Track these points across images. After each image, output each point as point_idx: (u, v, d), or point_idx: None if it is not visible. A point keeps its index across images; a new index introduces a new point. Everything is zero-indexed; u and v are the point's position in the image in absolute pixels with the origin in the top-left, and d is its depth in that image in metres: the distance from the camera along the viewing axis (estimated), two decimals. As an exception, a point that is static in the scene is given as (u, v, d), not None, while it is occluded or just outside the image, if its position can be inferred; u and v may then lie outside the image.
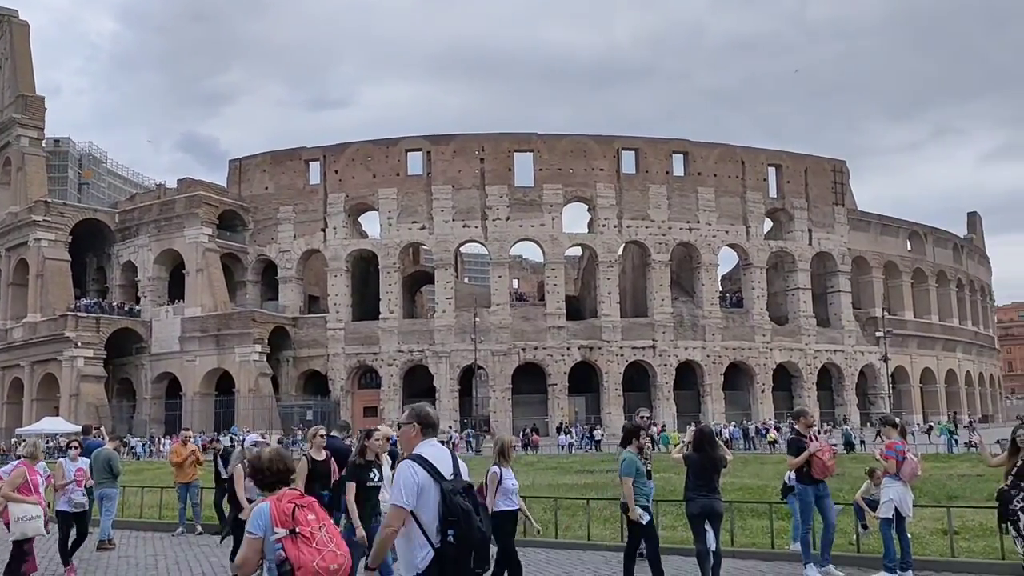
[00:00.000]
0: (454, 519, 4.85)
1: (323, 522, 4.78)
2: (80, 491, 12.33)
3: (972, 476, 23.48)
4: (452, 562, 4.86)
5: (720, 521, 10.16)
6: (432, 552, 4.87)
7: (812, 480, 10.71)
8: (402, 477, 4.99)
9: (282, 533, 4.59)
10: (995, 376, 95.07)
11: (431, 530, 4.90)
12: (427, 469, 4.97)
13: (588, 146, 66.93)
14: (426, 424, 5.30)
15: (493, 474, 8.84)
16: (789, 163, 72.09)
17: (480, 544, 4.94)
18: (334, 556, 4.64)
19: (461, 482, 5.06)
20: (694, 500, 9.66)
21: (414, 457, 5.07)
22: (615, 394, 63.65)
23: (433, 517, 4.90)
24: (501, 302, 65.21)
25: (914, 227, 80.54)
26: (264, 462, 5.00)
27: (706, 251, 67.62)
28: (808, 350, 69.61)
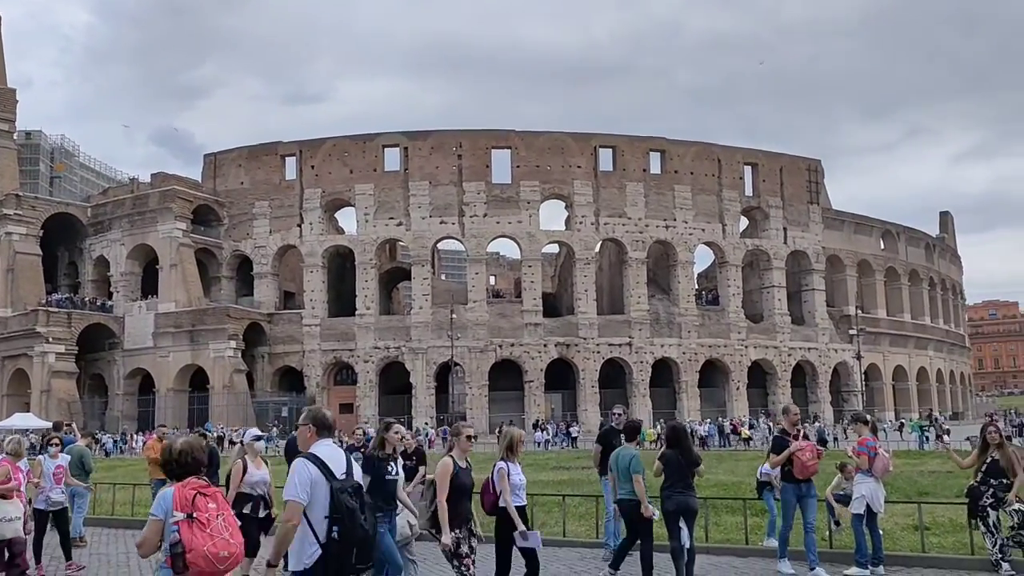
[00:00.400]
0: (339, 516, 5.10)
1: (223, 511, 5.01)
2: (59, 489, 12.17)
3: (943, 472, 23.78)
4: (335, 558, 5.10)
5: (695, 518, 10.21)
6: (319, 549, 5.11)
7: (794, 479, 10.63)
8: (296, 474, 5.23)
9: (179, 517, 4.87)
10: (965, 374, 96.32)
11: (319, 527, 5.14)
12: (319, 467, 5.22)
13: (566, 143, 67.02)
14: (322, 426, 5.58)
15: (501, 469, 8.50)
16: (765, 162, 72.61)
17: (362, 542, 5.19)
18: (226, 544, 4.89)
19: (351, 482, 5.33)
20: (670, 497, 9.69)
21: (308, 456, 5.34)
22: (591, 391, 63.85)
23: (321, 514, 5.15)
24: (478, 299, 65.18)
25: (887, 226, 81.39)
26: (174, 453, 5.26)
27: (682, 249, 67.96)
28: (783, 348, 70.19)
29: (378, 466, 8.54)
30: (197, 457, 5.26)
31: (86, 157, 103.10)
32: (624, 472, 9.76)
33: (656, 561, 10.84)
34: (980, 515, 10.27)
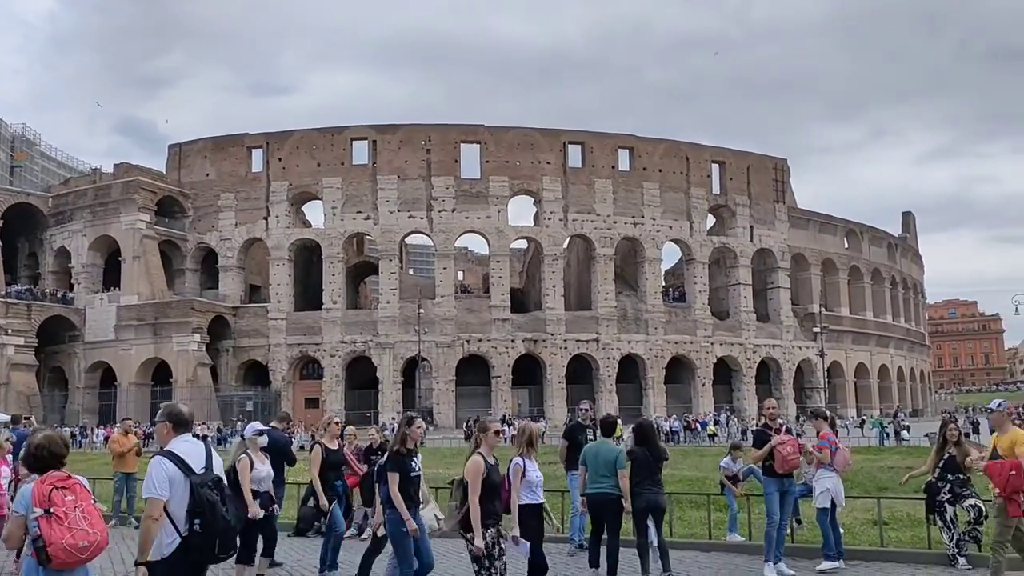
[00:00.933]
0: (200, 510, 5.32)
1: (80, 503, 5.19)
2: None
3: (902, 468, 24.13)
4: (197, 549, 5.35)
5: (663, 515, 10.29)
6: (179, 539, 5.35)
7: (776, 474, 10.54)
8: (154, 471, 5.43)
9: (38, 512, 5.08)
10: (925, 371, 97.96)
11: (179, 520, 5.36)
12: (176, 463, 5.44)
13: (535, 139, 67.06)
14: (178, 423, 5.75)
15: (516, 465, 8.21)
16: (732, 160, 73.20)
17: (224, 532, 5.42)
18: (84, 535, 5.12)
19: (211, 476, 5.52)
20: (639, 495, 9.74)
21: (164, 453, 5.55)
22: (558, 387, 64.03)
23: (181, 508, 5.36)
24: (446, 294, 65.06)
25: (851, 225, 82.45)
26: (33, 447, 5.45)
27: (650, 246, 68.33)
28: (748, 344, 70.88)
29: (402, 463, 8.29)
30: (55, 451, 5.43)
31: (47, 146, 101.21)
32: (608, 466, 9.65)
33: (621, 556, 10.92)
34: (938, 510, 10.46)
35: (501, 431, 8.09)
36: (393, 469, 8.23)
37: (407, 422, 8.51)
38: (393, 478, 8.19)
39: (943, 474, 10.50)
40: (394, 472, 8.22)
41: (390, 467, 8.30)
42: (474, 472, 7.54)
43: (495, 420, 8.48)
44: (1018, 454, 8.72)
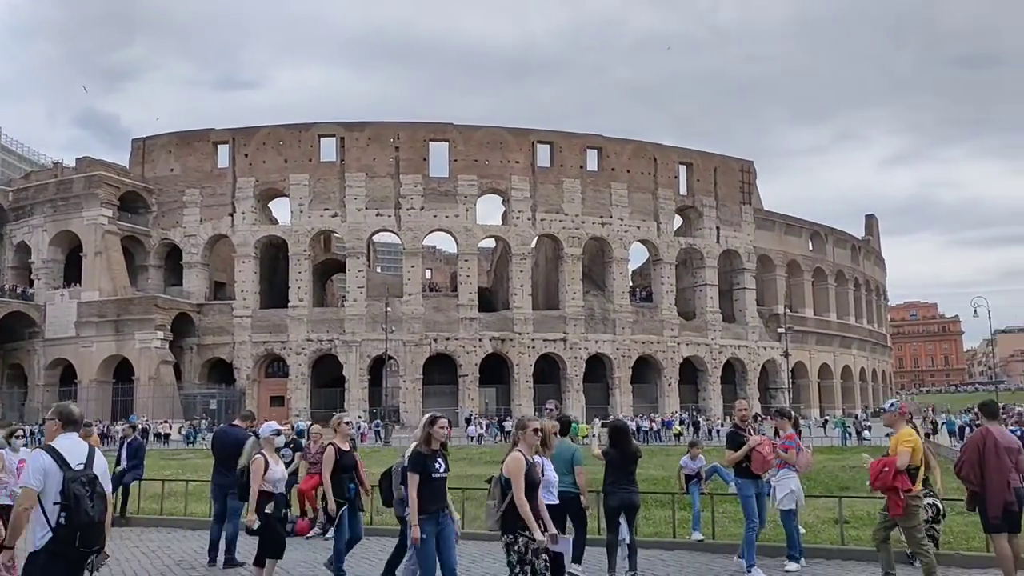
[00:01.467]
0: (67, 503, 5.50)
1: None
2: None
3: (863, 468, 24.44)
4: (62, 542, 5.51)
5: (635, 514, 10.33)
6: (50, 532, 5.52)
7: (751, 475, 10.49)
8: (31, 463, 5.69)
9: None
10: (887, 372, 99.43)
11: (50, 513, 5.53)
12: (54, 458, 5.62)
13: (504, 138, 67.05)
14: (67, 421, 5.96)
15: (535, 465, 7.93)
16: (699, 162, 73.72)
17: (87, 527, 5.55)
18: None
19: (86, 472, 5.68)
20: (613, 494, 9.80)
21: (45, 447, 5.76)
22: (526, 386, 64.09)
23: (52, 500, 5.54)
24: (413, 292, 64.84)
25: (816, 228, 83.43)
26: None
27: (618, 246, 68.62)
28: (714, 345, 71.44)
29: (424, 463, 7.93)
30: None
31: (8, 139, 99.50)
32: (566, 464, 9.71)
33: (591, 553, 10.95)
34: (897, 509, 10.55)
35: (539, 429, 7.70)
36: (414, 470, 7.84)
37: (430, 421, 8.17)
38: (413, 479, 7.84)
39: (903, 473, 10.61)
40: (414, 473, 7.86)
41: (411, 467, 7.94)
42: (516, 469, 7.26)
43: (533, 419, 8.03)
44: (899, 451, 8.86)
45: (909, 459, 8.85)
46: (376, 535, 13.38)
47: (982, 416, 9.62)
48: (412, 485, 7.79)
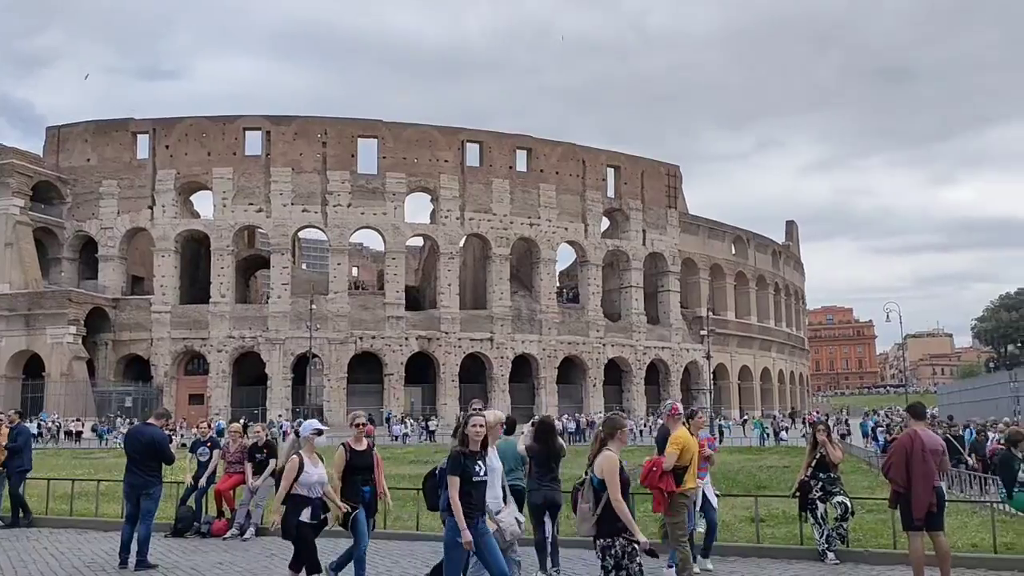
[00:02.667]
0: None
1: None
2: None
3: (779, 467, 25.11)
4: None
5: (559, 511, 10.35)
6: None
7: None
8: None
9: None
10: (804, 375, 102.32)
11: None
12: None
13: (433, 136, 66.77)
14: None
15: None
16: (627, 165, 74.66)
17: None
18: None
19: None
20: (537, 491, 9.78)
21: None
22: (451, 385, 63.96)
23: None
24: (339, 290, 64.08)
25: (738, 232, 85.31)
26: None
27: (545, 247, 69.03)
28: (638, 346, 72.44)
29: (465, 465, 7.57)
30: None
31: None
32: (516, 460, 9.86)
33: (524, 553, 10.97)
34: (809, 508, 10.86)
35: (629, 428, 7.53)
36: (453, 472, 7.49)
37: (465, 420, 7.83)
38: (453, 482, 7.48)
39: (815, 473, 10.93)
40: (454, 475, 7.49)
41: (450, 470, 7.58)
42: (612, 469, 6.96)
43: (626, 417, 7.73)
44: (667, 452, 9.11)
45: (676, 460, 9.05)
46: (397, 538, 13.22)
47: (910, 418, 9.87)
48: (453, 488, 7.46)
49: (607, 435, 7.28)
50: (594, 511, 6.97)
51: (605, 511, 6.90)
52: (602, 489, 6.92)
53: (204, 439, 14.28)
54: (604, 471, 6.93)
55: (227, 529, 13.32)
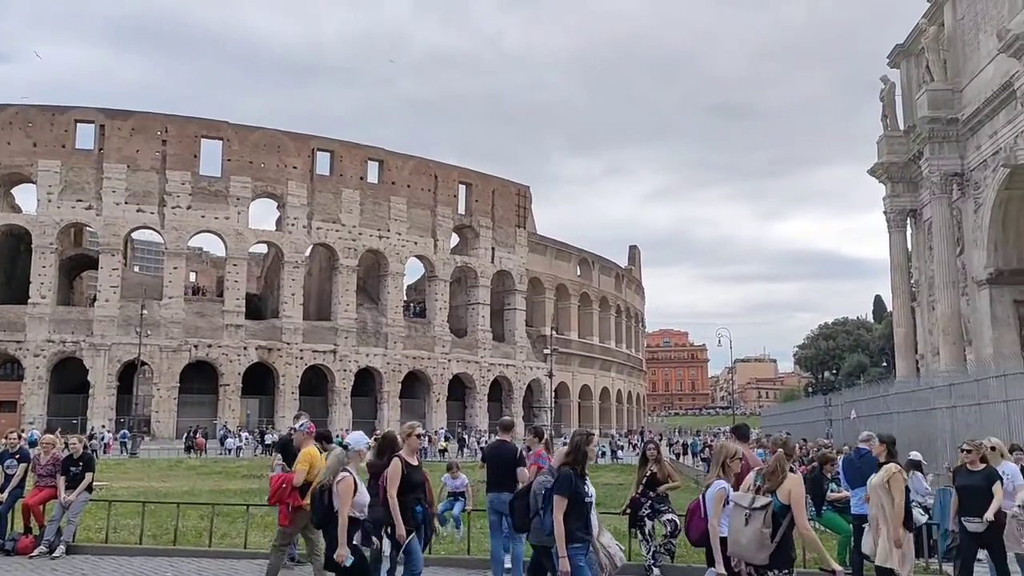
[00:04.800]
0: None
1: None
2: None
3: (614, 485, 25.80)
4: None
5: None
6: None
7: None
8: None
9: None
10: (641, 395, 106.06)
11: None
12: None
13: (282, 142, 65.04)
14: None
15: (721, 490, 6.96)
16: (478, 183, 75.33)
17: None
18: None
19: None
20: (374, 506, 9.56)
21: None
22: (291, 398, 62.19)
23: None
24: (174, 295, 61.12)
25: (584, 254, 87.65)
26: None
27: (394, 260, 68.52)
28: (483, 363, 72.94)
29: (576, 485, 7.03)
30: None
31: None
32: None
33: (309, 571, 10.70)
34: (639, 524, 11.17)
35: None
36: (562, 492, 6.95)
37: (586, 439, 7.33)
38: (560, 503, 6.94)
39: (645, 491, 11.27)
40: (562, 496, 6.95)
41: (558, 489, 7.00)
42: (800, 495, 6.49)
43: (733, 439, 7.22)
44: (296, 469, 9.47)
45: (304, 476, 9.32)
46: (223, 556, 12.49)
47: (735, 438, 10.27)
48: (559, 509, 6.94)
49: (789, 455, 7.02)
50: (774, 538, 6.44)
51: (784, 539, 6.42)
52: (783, 515, 6.45)
53: (13, 450, 13.23)
54: (792, 496, 6.46)
55: (35, 547, 12.34)
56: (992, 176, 29.89)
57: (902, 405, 25.70)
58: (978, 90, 30.49)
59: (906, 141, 36.01)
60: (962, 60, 32.49)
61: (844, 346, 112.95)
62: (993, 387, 19.84)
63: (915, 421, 22.93)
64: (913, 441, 19.65)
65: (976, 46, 31.30)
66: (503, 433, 11.02)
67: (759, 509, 6.51)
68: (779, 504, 6.46)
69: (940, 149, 32.29)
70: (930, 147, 32.44)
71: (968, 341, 31.66)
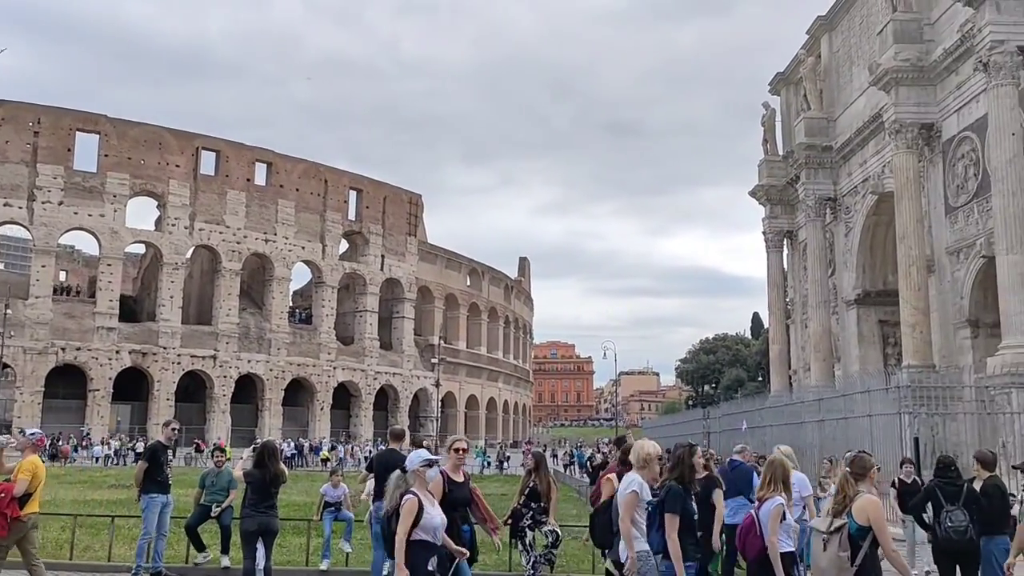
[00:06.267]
0: None
1: None
2: None
3: (497, 495, 25.77)
4: None
5: (274, 538, 10.01)
6: None
7: None
8: None
9: None
10: (527, 405, 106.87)
11: None
12: None
13: (164, 139, 62.62)
14: None
15: (778, 505, 6.66)
16: (370, 189, 74.48)
17: None
18: None
19: None
20: (252, 517, 9.49)
21: None
22: (167, 404, 59.74)
23: None
24: (42, 294, 57.84)
25: (475, 265, 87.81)
26: None
27: (280, 265, 66.93)
28: (370, 371, 72.00)
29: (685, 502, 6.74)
30: None
31: None
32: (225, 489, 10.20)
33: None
34: (520, 535, 11.16)
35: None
36: (674, 510, 6.66)
37: (689, 452, 7.00)
38: (672, 522, 6.64)
39: (527, 501, 11.26)
40: (675, 514, 6.65)
41: (671, 507, 6.69)
42: (880, 515, 6.18)
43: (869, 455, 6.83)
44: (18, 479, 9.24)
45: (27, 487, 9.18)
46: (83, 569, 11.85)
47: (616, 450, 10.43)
48: (672, 528, 6.63)
49: (857, 475, 6.67)
50: (853, 561, 6.18)
51: (867, 562, 6.17)
52: (861, 537, 6.23)
53: None
54: (870, 517, 6.25)
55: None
56: (862, 202, 31.55)
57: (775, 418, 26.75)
58: (850, 120, 32.16)
59: (785, 165, 37.63)
60: (837, 91, 34.22)
61: (723, 361, 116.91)
62: (858, 402, 20.86)
63: (787, 434, 23.86)
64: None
65: (849, 78, 33.02)
66: (393, 442, 11.02)
67: (835, 532, 6.39)
68: (855, 526, 6.31)
69: (815, 175, 33.92)
70: (806, 172, 34.02)
71: (837, 358, 33.25)
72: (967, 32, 22.92)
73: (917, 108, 25.86)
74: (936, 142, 26.02)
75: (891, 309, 28.80)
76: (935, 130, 25.94)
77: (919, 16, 26.50)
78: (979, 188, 23.71)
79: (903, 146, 25.72)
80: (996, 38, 21.00)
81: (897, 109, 25.89)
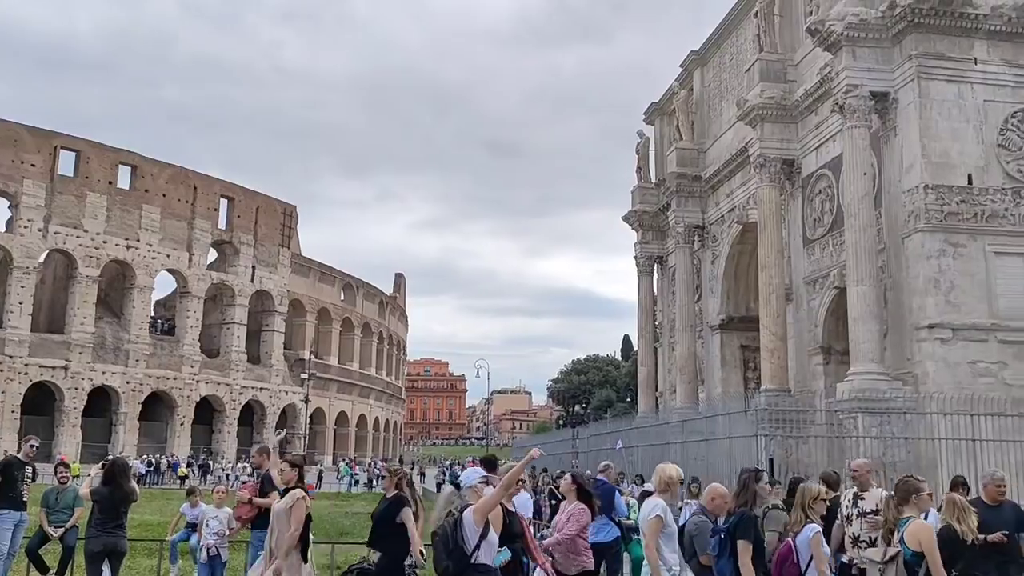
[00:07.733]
0: None
1: None
2: None
3: (364, 514, 25.30)
4: None
5: (121, 560, 9.62)
6: None
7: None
8: None
9: None
10: (399, 423, 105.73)
11: None
12: None
13: (20, 135, 58.96)
14: None
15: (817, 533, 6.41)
16: (242, 198, 72.30)
17: None
18: None
19: None
20: (97, 537, 9.07)
21: None
22: (11, 417, 55.98)
23: None
24: None
25: (349, 279, 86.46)
26: None
27: (143, 273, 64.00)
28: (235, 385, 69.64)
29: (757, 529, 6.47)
30: None
31: None
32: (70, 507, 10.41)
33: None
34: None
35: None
36: (747, 537, 6.39)
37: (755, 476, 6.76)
38: (746, 549, 6.35)
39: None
40: (748, 541, 6.37)
41: (744, 534, 6.38)
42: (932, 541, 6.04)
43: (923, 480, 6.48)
44: None
45: None
46: None
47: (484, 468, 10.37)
48: (746, 554, 6.35)
49: (901, 499, 6.58)
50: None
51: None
52: (916, 563, 6.14)
53: None
54: (922, 543, 6.15)
55: None
56: (728, 231, 32.86)
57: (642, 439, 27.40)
58: (719, 152, 33.51)
59: (657, 192, 38.85)
60: (707, 123, 35.62)
61: (594, 381, 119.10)
62: (719, 424, 21.61)
63: (653, 454, 24.46)
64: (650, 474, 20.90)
65: (719, 112, 34.44)
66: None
67: (890, 561, 6.45)
68: (909, 552, 6.28)
69: (685, 203, 35.13)
70: (677, 200, 35.19)
71: (702, 380, 34.40)
72: (826, 75, 24.24)
73: (780, 144, 27.16)
74: (797, 177, 27.39)
75: (752, 335, 30.01)
76: (796, 166, 27.31)
77: (783, 57, 27.89)
78: (834, 223, 25.05)
79: (767, 179, 26.94)
80: (851, 82, 22.27)
81: (762, 144, 27.11)
